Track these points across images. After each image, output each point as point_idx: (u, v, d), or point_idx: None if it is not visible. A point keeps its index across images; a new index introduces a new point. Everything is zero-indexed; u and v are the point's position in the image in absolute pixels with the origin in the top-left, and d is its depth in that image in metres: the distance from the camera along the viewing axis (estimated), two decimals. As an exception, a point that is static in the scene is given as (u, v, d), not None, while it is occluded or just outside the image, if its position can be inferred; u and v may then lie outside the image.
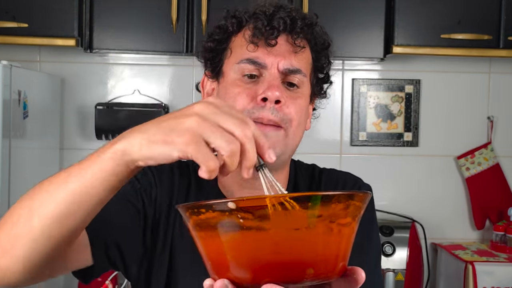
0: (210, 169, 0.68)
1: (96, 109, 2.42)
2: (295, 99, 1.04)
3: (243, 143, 0.69)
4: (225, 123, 0.69)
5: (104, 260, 0.99)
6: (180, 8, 2.21)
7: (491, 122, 2.64)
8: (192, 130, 0.68)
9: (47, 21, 2.18)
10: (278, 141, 1.02)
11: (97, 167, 0.75)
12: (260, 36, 1.03)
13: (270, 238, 0.64)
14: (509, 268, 2.25)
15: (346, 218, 0.67)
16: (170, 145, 0.69)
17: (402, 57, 2.56)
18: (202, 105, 0.70)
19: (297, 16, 1.05)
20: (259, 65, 1.03)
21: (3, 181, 1.91)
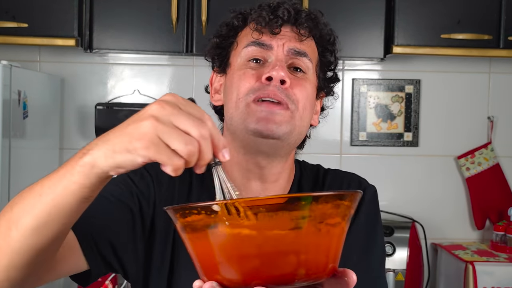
0: (175, 167, 0.69)
1: (96, 109, 2.42)
2: (301, 82, 1.04)
3: (199, 142, 0.69)
4: (181, 123, 0.69)
5: (99, 262, 0.98)
6: (180, 8, 2.21)
7: (491, 122, 2.64)
8: (149, 133, 0.68)
9: (47, 21, 2.18)
10: (285, 120, 1.02)
11: (68, 180, 0.75)
12: (264, 24, 1.04)
13: (256, 240, 0.63)
14: (509, 268, 2.25)
15: (334, 218, 0.67)
16: (132, 152, 0.69)
17: (402, 57, 2.56)
18: (157, 106, 0.70)
19: (301, 9, 1.07)
20: (264, 46, 1.04)
21: (3, 181, 1.91)
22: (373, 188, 1.17)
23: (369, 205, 1.13)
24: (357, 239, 1.07)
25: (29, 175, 2.15)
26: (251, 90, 1.02)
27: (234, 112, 1.05)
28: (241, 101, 1.03)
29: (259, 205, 0.64)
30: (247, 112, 1.02)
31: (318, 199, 0.65)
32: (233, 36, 1.10)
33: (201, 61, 2.58)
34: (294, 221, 0.64)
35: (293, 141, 1.06)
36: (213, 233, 0.65)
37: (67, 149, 2.53)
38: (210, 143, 0.70)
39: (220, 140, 0.72)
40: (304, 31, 1.05)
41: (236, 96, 1.04)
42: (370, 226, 1.12)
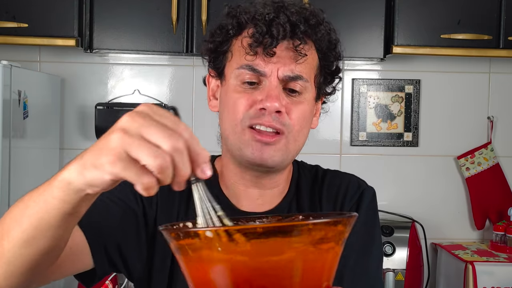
0: (145, 186, 0.63)
1: (96, 109, 2.42)
2: (296, 105, 1.03)
3: (172, 156, 0.63)
4: (151, 136, 0.63)
5: (105, 264, 0.99)
6: (180, 8, 2.21)
7: (491, 122, 2.64)
8: (116, 148, 0.63)
9: (47, 21, 2.18)
10: (279, 149, 1.02)
11: (48, 194, 0.72)
12: (258, 45, 1.01)
13: (249, 266, 0.63)
14: (509, 268, 2.25)
15: (328, 243, 0.65)
16: (99, 168, 0.65)
17: (402, 57, 2.56)
18: (127, 118, 0.65)
19: (299, 20, 1.02)
20: (258, 72, 1.02)
21: (3, 181, 1.91)
22: (372, 190, 1.16)
23: (367, 208, 1.13)
24: (354, 241, 1.07)
25: (29, 175, 2.15)
26: (246, 117, 1.01)
27: (230, 135, 1.05)
28: (237, 126, 1.03)
29: (251, 231, 0.62)
30: (243, 140, 1.02)
31: (312, 226, 0.63)
32: (227, 42, 1.07)
33: (201, 61, 2.58)
34: (286, 247, 0.62)
35: (289, 162, 1.08)
36: (206, 258, 0.63)
37: (67, 149, 2.53)
38: (186, 156, 0.64)
39: (200, 153, 0.65)
40: (301, 47, 1.02)
41: (232, 121, 1.03)
42: (368, 229, 1.12)
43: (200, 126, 2.57)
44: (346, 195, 1.13)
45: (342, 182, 1.15)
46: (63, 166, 0.72)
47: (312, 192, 1.14)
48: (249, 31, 1.03)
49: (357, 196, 1.13)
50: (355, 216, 0.68)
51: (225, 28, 1.06)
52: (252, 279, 0.63)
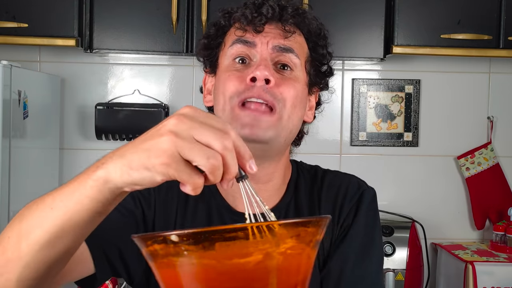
0: (196, 186, 0.66)
1: (96, 109, 2.42)
2: (288, 80, 1.02)
3: (223, 155, 0.65)
4: (202, 137, 0.65)
5: (106, 270, 0.99)
6: (180, 8, 2.21)
7: (491, 122, 2.64)
8: (168, 150, 0.65)
9: (47, 21, 2.18)
10: (271, 125, 1.00)
11: (80, 194, 0.71)
12: (247, 22, 1.02)
13: (217, 269, 0.62)
14: (509, 268, 2.25)
15: (298, 245, 0.64)
16: (151, 169, 0.66)
17: (402, 57, 2.56)
18: (175, 120, 0.66)
19: (287, 5, 1.04)
20: (248, 43, 1.02)
21: (3, 181, 1.91)
22: (372, 190, 1.15)
23: (367, 208, 1.12)
24: (354, 242, 1.07)
25: (29, 175, 2.15)
26: (236, 93, 1.00)
27: (221, 116, 1.03)
28: (227, 104, 1.02)
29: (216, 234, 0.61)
30: (232, 117, 1.01)
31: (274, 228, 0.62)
32: (221, 36, 1.08)
33: (201, 61, 2.59)
34: (252, 250, 0.62)
35: (282, 141, 1.05)
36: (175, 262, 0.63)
37: (67, 149, 2.53)
38: (234, 155, 0.66)
39: (246, 151, 0.68)
40: (289, 27, 1.03)
41: (222, 100, 1.02)
42: (368, 230, 1.11)
43: (200, 126, 2.58)
44: (346, 196, 1.12)
45: (342, 182, 1.14)
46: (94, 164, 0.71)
47: (311, 193, 1.13)
48: (238, 15, 1.05)
49: (357, 197, 1.12)
50: (328, 218, 0.67)
51: (218, 23, 1.09)
52: (222, 283, 0.63)
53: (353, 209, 1.11)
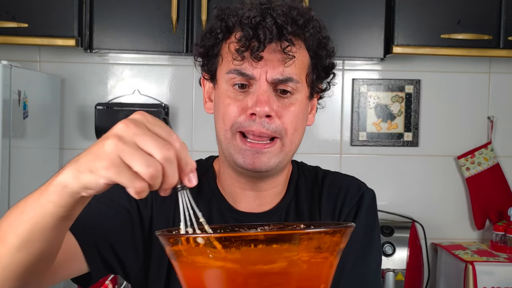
0: (137, 190, 0.66)
1: (96, 109, 2.42)
2: (288, 107, 1.02)
3: (163, 166, 0.66)
4: (145, 144, 0.66)
5: (100, 266, 1.00)
6: (180, 8, 2.21)
7: (491, 122, 2.64)
8: (111, 154, 0.66)
9: (47, 21, 2.18)
10: (273, 155, 1.02)
11: (44, 199, 0.73)
12: (246, 49, 0.99)
13: (240, 274, 0.63)
14: (509, 268, 2.25)
15: (322, 253, 0.65)
16: (94, 172, 0.67)
17: (402, 57, 2.56)
18: (122, 125, 0.67)
19: (286, 21, 1.00)
20: (247, 76, 1.01)
21: (3, 181, 1.91)
22: (372, 192, 1.16)
23: (367, 210, 1.12)
24: (354, 244, 1.07)
25: (29, 175, 2.15)
26: (236, 124, 1.01)
27: (222, 140, 1.05)
28: (228, 132, 1.03)
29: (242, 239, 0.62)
30: (234, 145, 1.02)
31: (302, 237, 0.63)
32: (217, 46, 1.06)
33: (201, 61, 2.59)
34: (277, 257, 0.63)
35: (286, 163, 1.07)
36: (199, 264, 0.64)
37: (67, 149, 2.53)
38: (175, 166, 0.67)
39: (188, 163, 0.69)
40: (289, 48, 1.00)
41: (223, 126, 1.03)
42: (368, 231, 1.12)
43: (200, 126, 2.58)
44: (346, 197, 1.12)
45: (342, 183, 1.14)
46: (58, 171, 0.73)
47: (311, 193, 1.14)
48: (236, 35, 1.02)
49: (357, 198, 1.13)
50: (352, 227, 0.68)
51: (214, 32, 1.05)
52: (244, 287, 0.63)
53: (353, 209, 1.11)
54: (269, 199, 1.11)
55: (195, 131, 2.58)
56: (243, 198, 1.10)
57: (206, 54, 1.08)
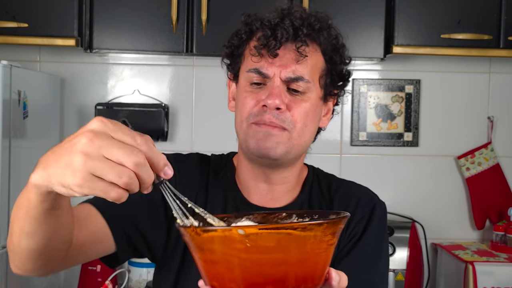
0: (114, 199, 0.69)
1: (96, 109, 2.42)
2: (298, 102, 1.09)
3: (135, 171, 0.68)
4: (112, 155, 0.68)
5: (126, 246, 1.09)
6: (180, 8, 2.21)
7: (491, 122, 2.63)
8: (81, 171, 0.67)
9: (47, 21, 2.18)
10: (282, 141, 1.08)
11: (28, 194, 0.78)
12: (263, 47, 1.08)
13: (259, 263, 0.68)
14: (509, 268, 2.25)
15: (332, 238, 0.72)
16: (67, 188, 0.70)
17: (402, 57, 2.56)
18: (85, 139, 0.68)
19: (302, 24, 1.09)
20: (263, 74, 1.09)
21: (3, 181, 1.91)
22: (383, 205, 1.21)
23: (378, 223, 1.17)
24: (362, 254, 1.13)
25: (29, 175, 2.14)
26: (251, 115, 1.09)
27: (239, 131, 1.14)
28: (244, 122, 1.11)
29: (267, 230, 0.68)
30: (248, 133, 1.10)
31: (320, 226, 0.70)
32: (242, 47, 1.15)
33: (201, 61, 2.59)
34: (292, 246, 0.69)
35: (293, 156, 1.12)
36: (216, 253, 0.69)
37: (67, 149, 2.53)
38: (148, 167, 0.69)
39: (160, 159, 0.71)
40: (303, 49, 1.09)
41: (240, 118, 1.12)
42: (377, 243, 1.16)
43: (200, 126, 2.58)
44: (358, 206, 1.17)
45: (355, 192, 1.20)
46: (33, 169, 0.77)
47: (324, 198, 1.19)
48: (257, 35, 1.11)
49: (368, 208, 1.17)
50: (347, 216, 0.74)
51: (239, 34, 1.15)
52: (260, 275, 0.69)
53: (364, 220, 1.16)
54: (280, 194, 1.17)
55: (195, 131, 2.58)
56: (256, 190, 1.16)
57: (231, 54, 1.17)
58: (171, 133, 2.55)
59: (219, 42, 2.24)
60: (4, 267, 1.91)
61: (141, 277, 2.29)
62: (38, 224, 0.82)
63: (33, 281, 2.11)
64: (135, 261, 2.28)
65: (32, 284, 2.16)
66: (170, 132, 2.54)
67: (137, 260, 2.26)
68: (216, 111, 2.54)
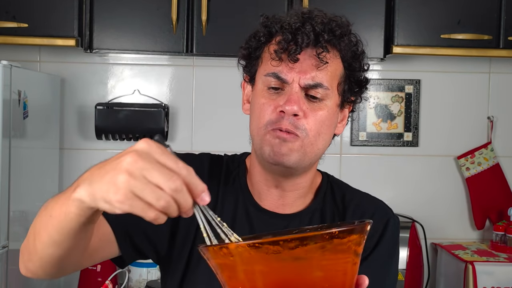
0: (151, 219, 0.73)
1: (96, 109, 2.42)
2: (316, 111, 1.08)
3: (172, 196, 0.72)
4: (153, 178, 0.71)
5: (130, 250, 1.11)
6: (180, 8, 2.21)
7: (491, 122, 2.64)
8: (123, 189, 0.71)
9: (47, 21, 2.18)
10: (294, 149, 1.07)
11: (66, 208, 0.82)
12: (284, 51, 1.07)
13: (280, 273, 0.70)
14: (509, 268, 2.25)
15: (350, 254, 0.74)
16: (109, 203, 0.73)
17: (402, 57, 2.56)
18: (131, 159, 0.72)
19: (323, 29, 1.07)
20: (282, 79, 1.07)
21: (3, 181, 1.91)
22: (397, 219, 1.20)
23: (390, 238, 1.16)
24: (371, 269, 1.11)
25: (29, 175, 2.15)
26: (269, 122, 1.08)
27: (255, 136, 1.12)
28: (261, 129, 1.09)
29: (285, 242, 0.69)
30: (264, 140, 1.09)
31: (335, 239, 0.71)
32: (259, 49, 1.13)
33: (201, 61, 2.59)
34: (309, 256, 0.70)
35: (307, 164, 1.12)
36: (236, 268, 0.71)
37: (67, 149, 2.53)
38: (185, 192, 0.72)
39: (198, 186, 0.74)
40: (323, 55, 1.07)
41: (257, 125, 1.11)
42: (386, 258, 1.16)
43: (200, 126, 2.58)
44: (371, 219, 1.15)
45: (369, 206, 1.18)
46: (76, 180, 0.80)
47: (337, 208, 1.18)
48: (276, 39, 1.09)
49: (382, 222, 1.16)
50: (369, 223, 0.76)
51: (257, 36, 1.13)
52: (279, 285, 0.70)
53: (376, 234, 1.14)
54: (291, 200, 1.16)
55: (195, 131, 2.58)
56: (268, 196, 1.16)
57: (248, 56, 1.15)
58: (171, 133, 2.55)
59: (219, 42, 2.26)
60: (4, 267, 1.91)
61: (141, 277, 2.29)
62: (70, 236, 0.86)
63: (33, 281, 2.11)
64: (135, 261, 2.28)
65: (32, 284, 2.16)
66: (170, 132, 2.54)
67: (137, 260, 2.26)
68: (216, 111, 2.55)
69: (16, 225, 1.99)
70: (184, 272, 1.13)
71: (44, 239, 0.89)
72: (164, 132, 2.45)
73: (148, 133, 2.43)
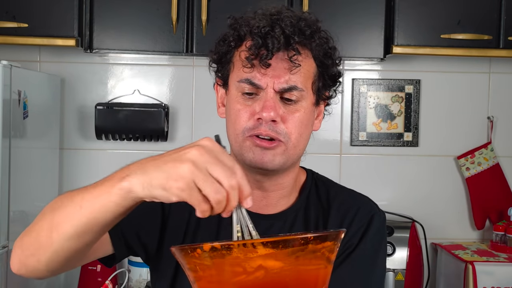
0: (202, 211, 0.77)
1: (96, 109, 2.42)
2: (293, 113, 1.08)
3: (228, 192, 0.77)
4: (215, 172, 0.77)
5: (123, 249, 1.12)
6: (180, 8, 2.21)
7: (491, 122, 2.64)
8: (186, 177, 0.77)
9: (47, 21, 2.18)
10: (278, 153, 1.08)
11: (106, 198, 0.84)
12: (255, 57, 1.06)
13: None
14: (509, 268, 2.25)
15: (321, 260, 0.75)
16: (168, 190, 0.78)
17: (402, 57, 2.56)
18: (197, 152, 0.78)
19: (293, 32, 1.06)
20: (256, 85, 1.07)
21: (3, 181, 1.91)
22: (382, 215, 1.19)
23: (375, 233, 1.15)
24: (357, 266, 1.11)
25: (29, 175, 2.15)
26: (246, 129, 1.08)
27: (233, 142, 1.12)
28: (239, 136, 1.10)
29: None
30: (244, 146, 1.09)
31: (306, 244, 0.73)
32: (230, 53, 1.12)
33: (201, 61, 2.58)
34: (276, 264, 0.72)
35: (290, 164, 1.11)
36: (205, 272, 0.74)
37: (67, 149, 2.53)
38: (237, 192, 0.78)
39: (247, 189, 0.79)
40: (295, 57, 1.06)
41: (234, 131, 1.11)
42: (372, 255, 1.14)
43: (200, 125, 2.58)
44: (356, 216, 1.15)
45: (354, 202, 1.18)
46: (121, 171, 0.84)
47: (322, 206, 1.17)
48: (247, 43, 1.08)
49: (366, 219, 1.15)
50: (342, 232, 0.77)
51: (227, 40, 1.12)
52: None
53: (360, 230, 1.14)
54: (275, 200, 1.15)
55: (195, 131, 2.58)
56: None
57: (219, 61, 1.15)
58: (171, 133, 2.55)
59: (219, 42, 2.26)
60: (4, 267, 1.91)
61: (141, 277, 2.29)
62: (98, 227, 0.88)
63: (33, 281, 2.11)
64: (135, 261, 2.28)
65: (32, 284, 2.16)
66: (170, 132, 2.54)
67: (137, 260, 2.26)
68: (216, 111, 2.54)
69: (16, 225, 1.98)
70: (174, 275, 1.13)
71: (66, 231, 0.89)
72: (164, 132, 2.45)
73: (148, 133, 2.44)
